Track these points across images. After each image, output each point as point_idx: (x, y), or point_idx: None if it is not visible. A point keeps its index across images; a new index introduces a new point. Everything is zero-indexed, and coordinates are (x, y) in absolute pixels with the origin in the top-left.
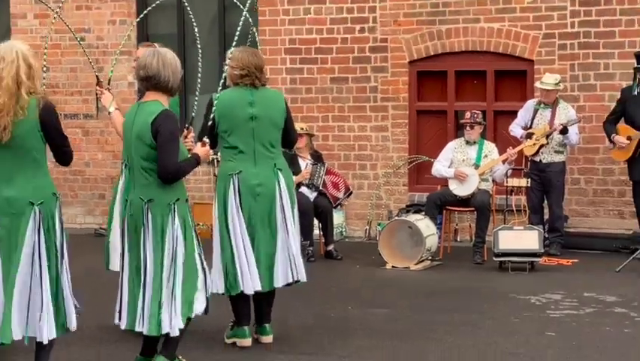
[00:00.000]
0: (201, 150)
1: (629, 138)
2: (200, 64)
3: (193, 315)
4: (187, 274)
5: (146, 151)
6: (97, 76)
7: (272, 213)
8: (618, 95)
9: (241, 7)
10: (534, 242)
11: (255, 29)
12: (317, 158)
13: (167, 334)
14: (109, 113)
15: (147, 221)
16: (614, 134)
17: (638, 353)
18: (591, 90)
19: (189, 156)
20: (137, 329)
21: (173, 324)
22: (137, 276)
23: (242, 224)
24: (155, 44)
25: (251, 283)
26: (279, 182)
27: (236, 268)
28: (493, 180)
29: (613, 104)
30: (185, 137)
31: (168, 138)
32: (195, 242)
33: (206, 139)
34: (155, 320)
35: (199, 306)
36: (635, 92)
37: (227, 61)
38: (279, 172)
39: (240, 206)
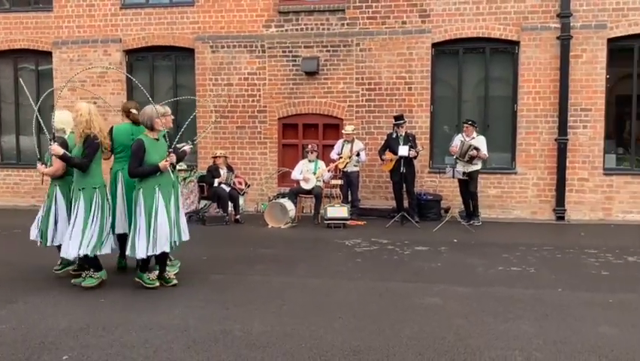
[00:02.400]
0: (162, 163)
1: (391, 159)
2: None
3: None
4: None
5: None
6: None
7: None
8: (385, 137)
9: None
10: (345, 213)
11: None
12: (230, 169)
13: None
14: None
15: (134, 196)
16: (384, 156)
17: (400, 268)
18: (372, 135)
19: (153, 164)
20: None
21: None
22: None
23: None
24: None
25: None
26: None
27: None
28: (323, 181)
29: (383, 142)
30: (169, 155)
31: (131, 154)
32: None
33: (168, 158)
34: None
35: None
36: (394, 136)
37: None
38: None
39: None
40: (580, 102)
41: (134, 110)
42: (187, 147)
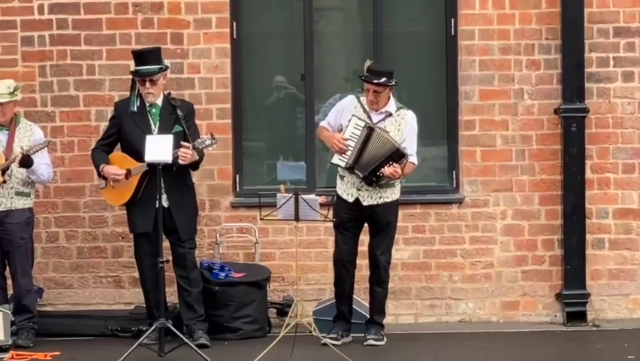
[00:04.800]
0: None
1: (128, 172)
2: None
3: None
4: None
5: None
6: None
7: None
8: (112, 114)
9: None
10: None
11: None
12: None
13: None
14: None
15: None
16: (104, 165)
17: None
18: (72, 104)
19: None
20: None
21: None
22: None
23: None
24: None
25: None
26: None
27: None
28: None
29: (107, 124)
30: None
31: None
32: None
33: None
34: None
35: None
36: (133, 109)
37: None
38: None
39: None
40: (608, 15)
41: None
42: None
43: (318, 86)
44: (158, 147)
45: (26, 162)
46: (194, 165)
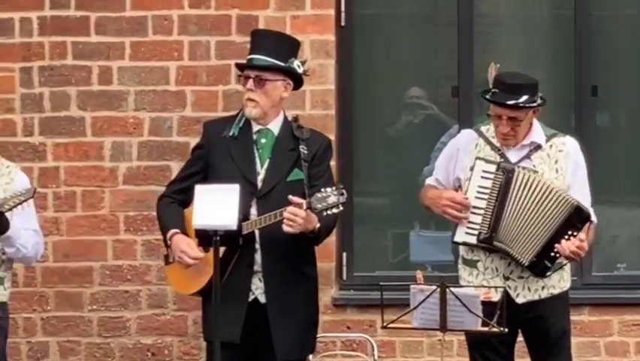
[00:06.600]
0: None
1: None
2: None
3: None
4: None
5: None
6: None
7: None
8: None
9: None
10: None
11: None
12: None
13: None
14: None
15: None
16: (174, 233)
17: None
18: (73, 132)
19: None
20: None
21: None
22: None
23: None
24: None
25: None
26: None
27: None
28: None
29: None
30: None
31: None
32: None
33: None
34: None
35: None
36: (235, 132)
37: None
38: None
39: None
40: None
41: None
42: None
43: (481, 106)
44: (216, 204)
45: None
46: (313, 238)
